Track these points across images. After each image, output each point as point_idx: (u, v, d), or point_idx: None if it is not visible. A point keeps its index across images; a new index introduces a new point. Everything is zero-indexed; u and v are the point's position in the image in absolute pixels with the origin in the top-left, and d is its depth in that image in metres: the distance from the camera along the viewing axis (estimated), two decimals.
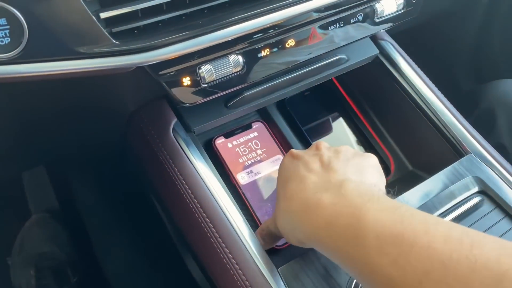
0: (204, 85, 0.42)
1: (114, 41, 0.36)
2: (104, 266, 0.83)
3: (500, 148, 0.66)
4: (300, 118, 0.62)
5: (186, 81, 0.41)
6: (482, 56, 0.94)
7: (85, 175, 0.94)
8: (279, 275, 0.41)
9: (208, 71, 0.41)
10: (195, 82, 0.41)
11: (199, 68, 0.41)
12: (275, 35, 0.45)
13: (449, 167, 0.51)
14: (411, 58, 0.61)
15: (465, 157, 0.52)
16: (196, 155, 0.47)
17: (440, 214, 0.48)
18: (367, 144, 0.62)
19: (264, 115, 0.59)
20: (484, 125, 0.69)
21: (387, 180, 0.59)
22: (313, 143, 0.47)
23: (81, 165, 0.92)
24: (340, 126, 0.65)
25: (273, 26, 0.43)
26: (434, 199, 0.48)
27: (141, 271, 0.81)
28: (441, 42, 1.00)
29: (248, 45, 0.44)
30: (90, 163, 0.91)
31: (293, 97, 0.62)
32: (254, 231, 0.48)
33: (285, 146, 0.58)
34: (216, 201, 0.44)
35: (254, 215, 0.51)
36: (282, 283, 0.41)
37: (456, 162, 0.51)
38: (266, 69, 0.46)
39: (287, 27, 0.45)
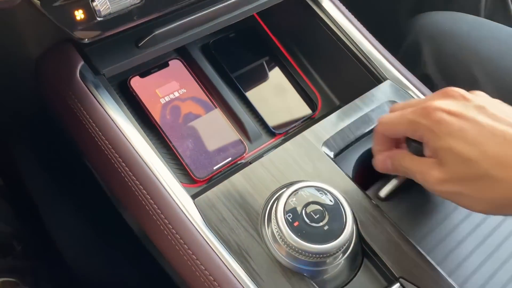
0: (100, 19, 0.40)
1: None
2: (51, 233, 0.82)
3: (426, 78, 0.68)
4: (227, 63, 0.61)
5: (79, 14, 0.39)
6: None
7: (24, 143, 0.91)
8: (195, 205, 0.41)
9: (102, 3, 0.40)
10: (90, 16, 0.39)
11: (92, 0, 0.39)
12: None
13: (366, 93, 0.51)
14: None
15: (382, 83, 0.53)
16: (106, 98, 0.45)
17: (356, 139, 0.48)
18: (294, 83, 0.62)
19: (185, 58, 0.58)
20: (411, 57, 0.70)
21: (314, 117, 0.60)
22: (441, 89, 0.42)
23: (20, 134, 0.89)
24: (268, 68, 0.65)
25: None
26: (351, 125, 0.49)
27: (88, 237, 0.80)
28: None
29: None
30: (28, 130, 0.88)
31: (218, 40, 0.61)
32: (175, 167, 0.48)
33: (208, 87, 0.57)
34: (129, 142, 0.43)
35: (175, 151, 0.50)
36: (197, 213, 0.41)
37: (374, 88, 0.52)
38: (168, 0, 0.44)
39: None
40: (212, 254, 0.39)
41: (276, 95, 0.62)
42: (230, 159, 0.53)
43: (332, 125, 0.48)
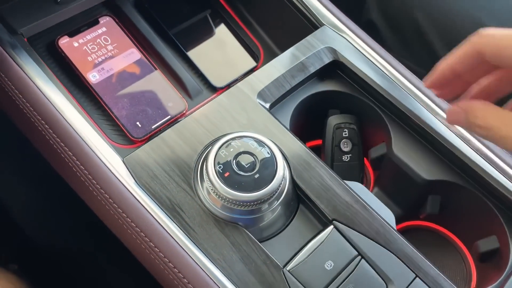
0: None
1: None
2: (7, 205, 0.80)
3: (370, 24, 0.67)
4: (164, 19, 0.59)
5: None
6: None
7: None
8: (124, 165, 0.40)
9: None
10: None
11: None
12: None
13: (302, 41, 0.50)
14: None
15: (318, 29, 0.52)
16: (25, 58, 0.43)
17: (292, 88, 0.48)
18: (236, 36, 0.61)
19: (117, 14, 0.55)
20: (356, 3, 0.69)
21: (257, 68, 0.59)
22: None
23: None
24: (207, 22, 0.62)
25: None
26: (286, 73, 0.48)
27: (39, 202, 0.78)
28: None
29: None
30: None
31: None
32: (111, 128, 0.46)
33: (144, 44, 0.55)
34: (51, 103, 0.42)
35: (110, 112, 0.49)
36: (128, 172, 0.40)
37: (310, 35, 0.51)
38: None
39: None
40: (142, 210, 0.38)
41: (217, 50, 0.60)
42: (169, 117, 0.52)
43: (267, 75, 0.47)
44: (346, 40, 0.51)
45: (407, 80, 0.50)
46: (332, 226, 0.39)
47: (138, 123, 0.52)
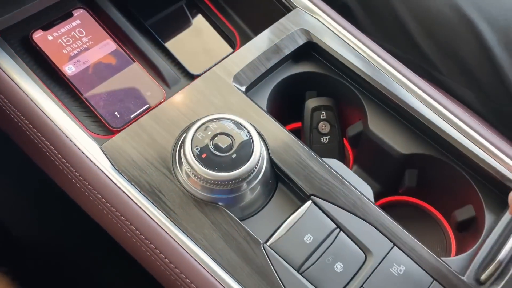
0: None
1: None
2: None
3: (345, 7, 0.68)
4: (139, 10, 0.59)
5: None
6: None
7: None
8: (103, 152, 0.41)
9: None
10: None
11: None
12: None
13: (275, 24, 0.51)
14: None
15: (292, 11, 0.52)
16: (0, 54, 0.43)
17: (267, 70, 0.48)
18: (211, 23, 0.61)
19: (90, 5, 0.55)
20: None
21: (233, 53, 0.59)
22: None
23: None
24: (183, 11, 0.63)
25: None
26: (261, 56, 0.48)
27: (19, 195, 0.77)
28: None
29: None
30: None
31: None
32: (90, 120, 0.47)
33: (120, 35, 0.55)
34: (28, 96, 0.42)
35: (88, 103, 0.49)
36: (106, 159, 0.40)
37: (283, 17, 0.52)
38: None
39: None
40: (122, 195, 0.38)
41: (193, 38, 0.61)
42: (147, 106, 0.52)
43: (241, 58, 0.48)
44: (319, 22, 0.52)
45: (381, 59, 0.51)
46: (310, 201, 0.40)
47: (116, 113, 0.52)
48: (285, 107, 0.53)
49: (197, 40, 0.61)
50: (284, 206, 0.41)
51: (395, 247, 0.38)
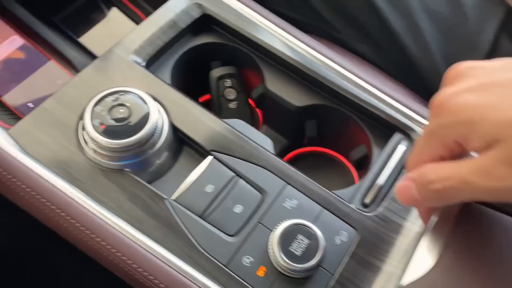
0: None
1: None
2: None
3: None
4: (44, 5, 0.60)
5: None
6: None
7: None
8: (11, 137, 0.43)
9: None
10: None
11: None
12: None
13: (169, 1, 0.54)
14: None
15: None
16: None
17: (166, 44, 0.51)
18: (119, 9, 0.63)
19: None
20: None
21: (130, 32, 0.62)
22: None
23: None
24: (93, 4, 0.65)
25: None
26: (157, 31, 0.51)
27: None
28: None
29: None
30: None
31: None
32: (4, 114, 0.48)
33: (26, 29, 0.56)
34: None
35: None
36: (14, 143, 0.43)
37: None
38: None
39: None
40: (32, 174, 0.41)
41: (100, 25, 0.63)
42: None
43: (139, 35, 0.50)
44: None
45: (274, 24, 0.54)
46: (210, 156, 0.44)
47: (30, 104, 0.54)
48: (194, 79, 0.57)
49: (104, 26, 0.63)
50: (189, 165, 0.45)
51: (287, 185, 0.43)
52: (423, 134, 0.29)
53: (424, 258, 0.30)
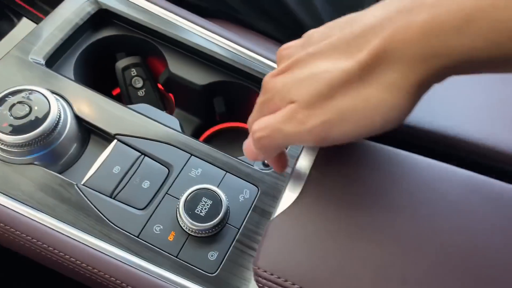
0: None
1: None
2: None
3: None
4: None
5: None
6: None
7: None
8: None
9: None
10: None
11: None
12: None
13: (65, 0, 0.55)
14: None
15: None
16: None
17: (65, 41, 0.53)
18: (26, 17, 0.64)
19: None
20: None
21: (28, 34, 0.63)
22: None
23: None
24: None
25: None
26: (55, 30, 0.53)
27: None
28: None
29: None
30: None
31: None
32: None
33: None
34: None
35: None
36: None
37: None
38: None
39: None
40: None
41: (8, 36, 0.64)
42: None
43: (36, 35, 0.52)
44: None
45: (168, 11, 0.57)
46: (115, 140, 0.46)
47: None
48: (104, 73, 0.59)
49: (12, 36, 0.64)
50: (98, 151, 0.47)
51: (192, 156, 0.46)
52: (256, 104, 0.35)
53: (290, 195, 0.34)
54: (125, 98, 0.58)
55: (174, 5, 0.59)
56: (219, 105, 0.58)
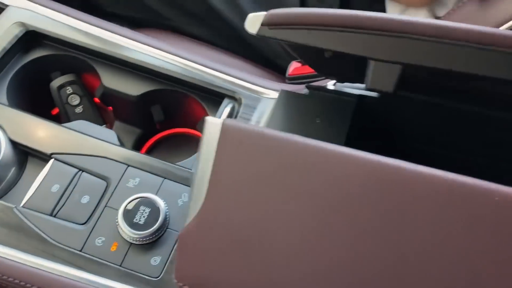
0: None
1: None
2: None
3: None
4: None
5: None
6: None
7: None
8: None
9: None
10: None
11: None
12: None
13: None
14: None
15: (4, 10, 0.57)
16: None
17: None
18: None
19: None
20: None
21: None
22: None
23: None
24: None
25: None
26: None
27: None
28: None
29: None
30: None
31: None
32: None
33: None
34: None
35: None
36: None
37: None
38: None
39: None
40: None
41: None
42: None
43: None
44: (33, 12, 0.58)
45: (96, 27, 0.58)
46: (52, 159, 0.47)
47: None
48: (41, 94, 0.59)
49: None
50: (36, 173, 0.48)
51: (129, 167, 0.48)
52: None
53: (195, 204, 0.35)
54: (64, 117, 0.59)
55: (103, 20, 0.60)
56: (157, 113, 0.59)
